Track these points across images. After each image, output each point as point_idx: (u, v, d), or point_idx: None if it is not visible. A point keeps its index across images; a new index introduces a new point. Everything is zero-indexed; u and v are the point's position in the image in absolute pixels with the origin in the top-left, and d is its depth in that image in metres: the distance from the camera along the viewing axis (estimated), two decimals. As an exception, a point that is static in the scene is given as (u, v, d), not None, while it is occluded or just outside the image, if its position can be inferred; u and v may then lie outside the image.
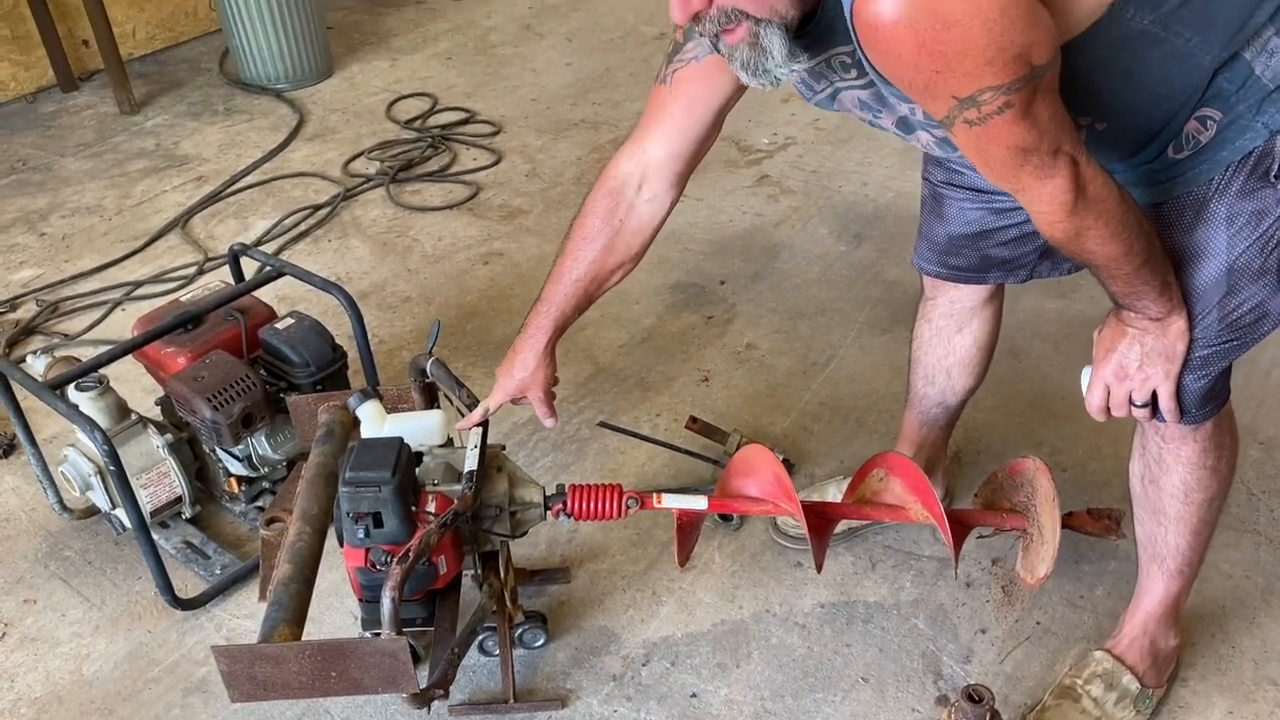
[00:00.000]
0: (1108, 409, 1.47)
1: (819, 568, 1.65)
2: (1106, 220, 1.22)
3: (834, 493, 2.09)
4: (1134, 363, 1.41)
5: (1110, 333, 1.43)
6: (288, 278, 2.17)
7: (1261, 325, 1.39)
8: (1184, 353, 1.38)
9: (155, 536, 1.98)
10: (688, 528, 1.70)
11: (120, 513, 2.06)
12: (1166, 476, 1.56)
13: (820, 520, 1.65)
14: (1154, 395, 1.43)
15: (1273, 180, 1.28)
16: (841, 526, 1.98)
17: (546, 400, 1.70)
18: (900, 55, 1.09)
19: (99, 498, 2.05)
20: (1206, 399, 1.45)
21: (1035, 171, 1.18)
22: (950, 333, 1.85)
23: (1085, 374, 1.49)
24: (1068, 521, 1.73)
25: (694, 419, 2.25)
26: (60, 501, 2.16)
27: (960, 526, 1.68)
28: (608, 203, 1.58)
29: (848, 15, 1.12)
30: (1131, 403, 1.44)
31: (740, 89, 1.48)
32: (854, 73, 1.27)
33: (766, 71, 1.22)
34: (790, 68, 1.22)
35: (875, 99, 1.32)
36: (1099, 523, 1.78)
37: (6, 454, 2.41)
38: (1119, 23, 1.16)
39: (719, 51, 1.24)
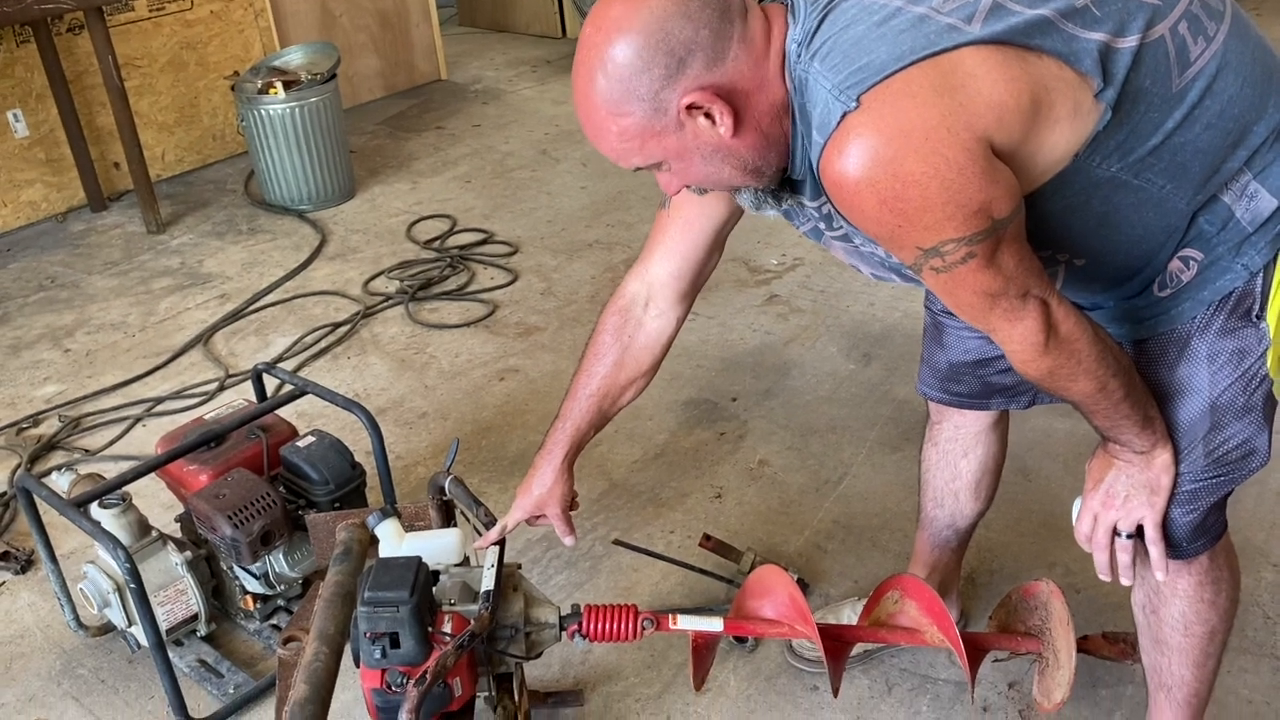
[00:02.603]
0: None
1: (835, 692, 1.64)
2: (1080, 359, 1.25)
3: (849, 614, 2.08)
4: (1120, 494, 1.43)
5: (1098, 464, 1.45)
6: (308, 395, 2.22)
7: (1249, 461, 1.40)
8: (1169, 486, 1.40)
9: (170, 654, 1.98)
10: (703, 650, 1.70)
11: (136, 630, 2.06)
12: (1165, 607, 1.56)
13: (836, 643, 1.64)
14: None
15: (1254, 319, 1.32)
16: (858, 649, 1.97)
17: (564, 518, 1.71)
18: (864, 210, 1.15)
19: (115, 615, 2.06)
20: (1198, 533, 1.45)
21: (1004, 314, 1.21)
22: (956, 457, 1.88)
23: (1076, 504, 1.50)
24: (1083, 645, 1.72)
25: (707, 537, 2.26)
26: (76, 618, 2.16)
27: (976, 650, 1.67)
28: (617, 320, 1.63)
29: (815, 171, 1.18)
30: (1117, 533, 1.46)
31: (735, 213, 1.55)
32: (824, 222, 1.34)
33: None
34: (764, 213, 1.35)
35: (852, 250, 1.39)
36: (1114, 647, 1.77)
37: (24, 570, 2.43)
38: (1086, 171, 1.20)
39: None
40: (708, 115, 1.18)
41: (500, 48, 6.67)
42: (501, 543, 1.68)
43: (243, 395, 2.91)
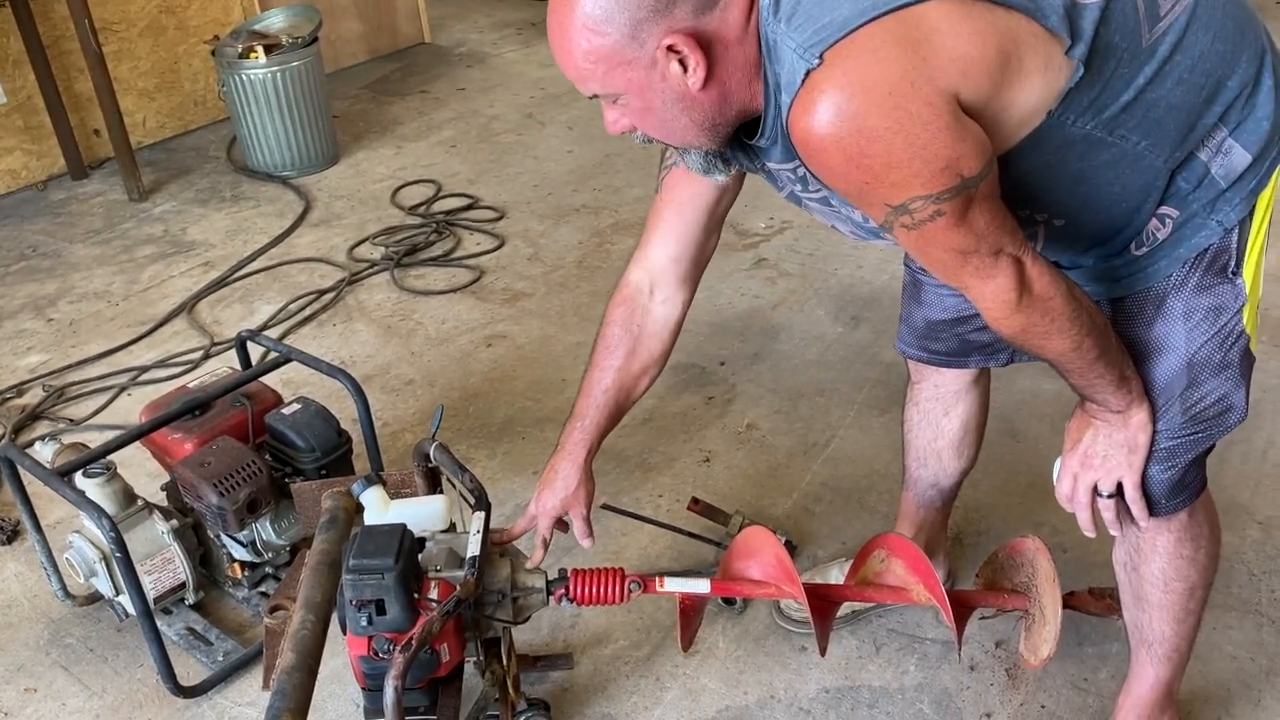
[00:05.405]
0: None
1: (823, 651, 1.65)
2: (1053, 318, 1.24)
3: (836, 575, 2.09)
4: (1099, 454, 1.43)
5: (1077, 423, 1.45)
6: (293, 362, 2.20)
7: (1227, 417, 1.40)
8: (1146, 444, 1.40)
9: (158, 623, 1.98)
10: (691, 612, 1.71)
11: (123, 599, 2.06)
12: (1146, 564, 1.56)
13: (823, 603, 1.65)
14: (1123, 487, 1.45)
15: (1230, 276, 1.32)
16: (845, 609, 1.98)
17: (588, 519, 1.69)
18: (831, 168, 1.14)
19: (102, 584, 2.05)
20: (1176, 490, 1.46)
21: (976, 271, 1.21)
22: (937, 416, 1.88)
23: (1057, 465, 1.51)
24: (1069, 601, 1.74)
25: (696, 500, 2.26)
26: (64, 588, 2.16)
27: (962, 607, 1.68)
28: (624, 310, 1.62)
29: (786, 134, 1.17)
30: (1098, 493, 1.46)
31: (727, 193, 1.53)
32: (799, 186, 1.33)
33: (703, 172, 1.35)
34: (712, 178, 1.35)
35: (830, 213, 1.37)
36: (1100, 602, 1.78)
37: (9, 540, 2.42)
38: (1059, 129, 1.19)
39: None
40: (682, 62, 1.16)
41: (484, 10, 6.59)
42: (488, 509, 1.67)
43: (227, 363, 2.88)
